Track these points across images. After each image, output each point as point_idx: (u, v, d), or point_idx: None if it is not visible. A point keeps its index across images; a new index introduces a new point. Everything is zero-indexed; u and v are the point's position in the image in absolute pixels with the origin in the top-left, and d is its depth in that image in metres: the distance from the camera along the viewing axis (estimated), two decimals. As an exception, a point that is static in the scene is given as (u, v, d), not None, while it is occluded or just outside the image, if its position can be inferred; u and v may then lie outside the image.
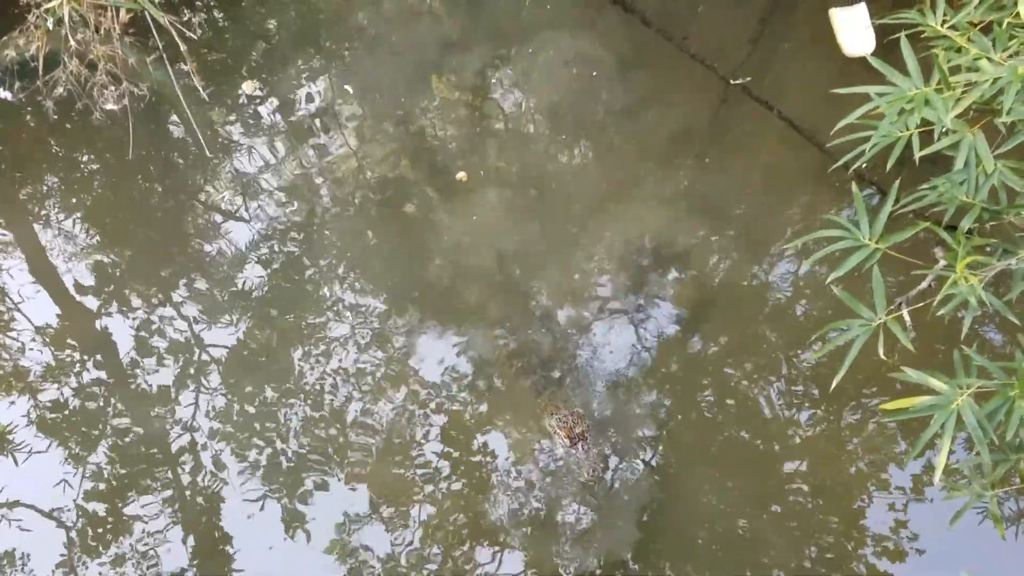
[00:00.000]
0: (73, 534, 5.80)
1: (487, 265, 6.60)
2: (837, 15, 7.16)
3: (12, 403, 6.10)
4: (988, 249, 4.06)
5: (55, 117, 6.84)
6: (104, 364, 6.27)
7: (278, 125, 7.16)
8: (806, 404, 6.12)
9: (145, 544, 5.78)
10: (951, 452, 3.72)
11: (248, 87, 7.18)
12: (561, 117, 7.17)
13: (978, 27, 4.25)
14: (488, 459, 6.00)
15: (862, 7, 7.15)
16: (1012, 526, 5.63)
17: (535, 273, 6.57)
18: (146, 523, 5.82)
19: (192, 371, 6.23)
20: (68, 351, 6.30)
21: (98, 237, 6.69)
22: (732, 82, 6.94)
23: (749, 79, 6.92)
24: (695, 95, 7.16)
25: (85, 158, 6.98)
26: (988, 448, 3.67)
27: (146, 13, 6.01)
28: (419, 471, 5.98)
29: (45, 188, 6.90)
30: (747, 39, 7.22)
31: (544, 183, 6.89)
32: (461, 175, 6.79)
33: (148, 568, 5.73)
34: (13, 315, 6.41)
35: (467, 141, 7.08)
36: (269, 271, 6.56)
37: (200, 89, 6.66)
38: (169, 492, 5.93)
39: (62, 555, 5.77)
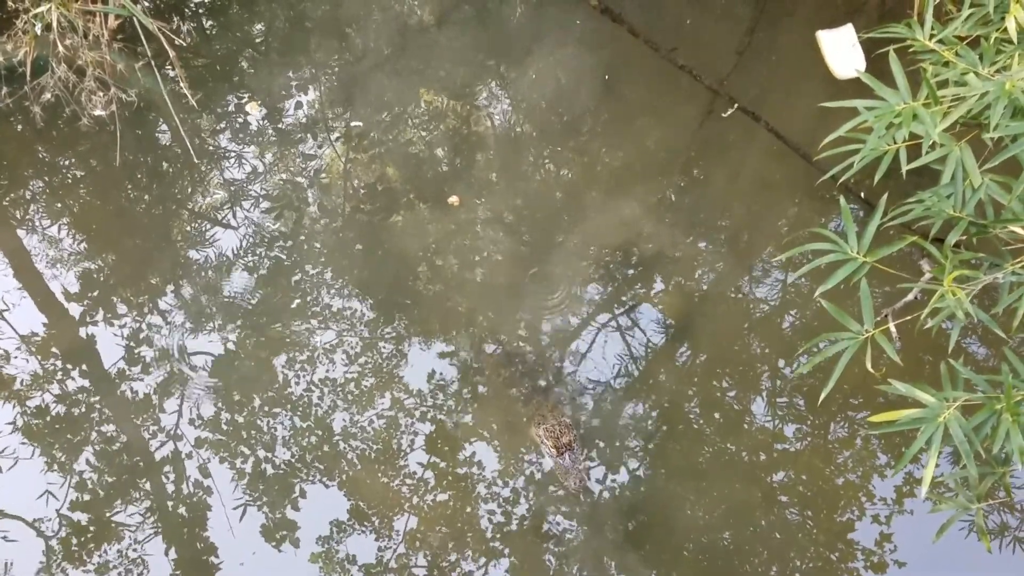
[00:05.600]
0: (55, 542, 5.76)
1: (475, 275, 6.60)
2: (824, 39, 7.14)
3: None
4: (975, 263, 4.07)
5: (42, 123, 6.81)
6: (89, 372, 6.23)
7: (266, 133, 7.15)
8: (792, 416, 6.13)
9: (129, 553, 5.74)
10: (936, 465, 3.72)
11: (252, 108, 7.16)
12: (549, 128, 7.19)
13: (965, 41, 4.28)
14: (475, 469, 5.99)
15: (848, 28, 7.14)
16: (997, 539, 5.65)
17: (523, 283, 6.57)
18: (130, 532, 5.78)
19: (177, 379, 6.20)
20: (52, 358, 6.26)
21: (84, 244, 6.66)
22: (723, 115, 6.95)
23: (736, 106, 6.94)
24: (682, 106, 7.19)
25: (72, 164, 6.96)
26: (975, 461, 3.68)
27: (135, 19, 5.99)
28: (405, 481, 5.97)
29: (31, 194, 6.87)
30: (734, 50, 7.25)
31: (531, 194, 6.90)
32: (453, 199, 6.79)
33: (132, 577, 5.71)
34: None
35: (455, 152, 7.09)
36: (256, 279, 6.54)
37: (188, 96, 6.64)
38: (153, 501, 5.89)
39: (42, 564, 5.71)
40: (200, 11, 7.74)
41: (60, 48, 6.31)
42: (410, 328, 6.44)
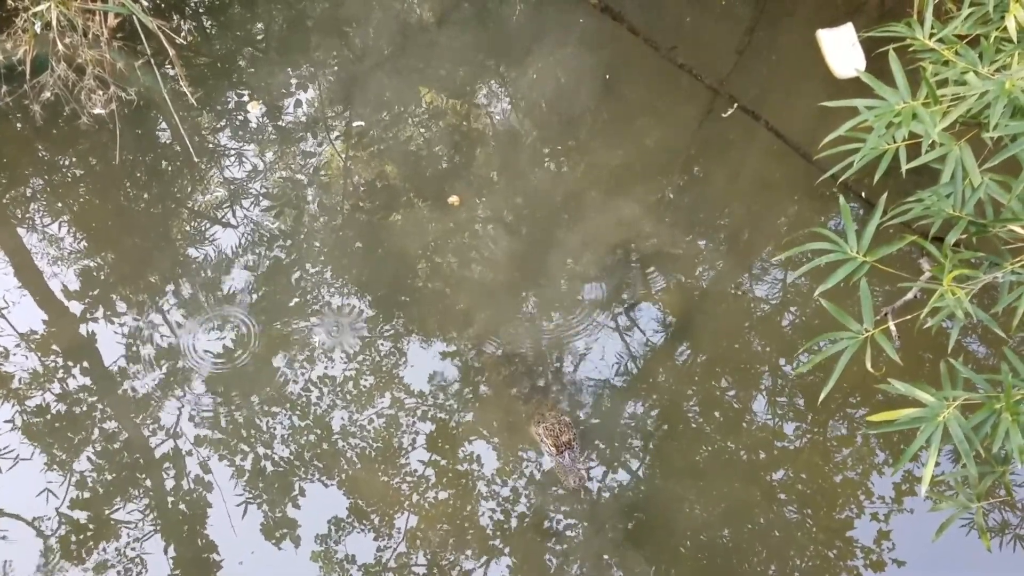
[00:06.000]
0: (54, 541, 5.75)
1: (475, 274, 6.60)
2: (824, 38, 7.14)
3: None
4: (974, 262, 4.07)
5: (42, 122, 6.81)
6: (89, 369, 6.23)
7: (266, 131, 7.15)
8: (792, 415, 6.13)
9: (128, 551, 5.74)
10: (936, 464, 3.72)
11: (253, 106, 7.16)
12: (549, 128, 7.19)
13: (965, 41, 4.28)
14: (474, 467, 5.99)
15: (848, 27, 7.14)
16: (997, 538, 5.66)
17: (523, 282, 6.57)
18: (130, 530, 5.78)
19: (177, 377, 6.20)
20: (52, 356, 6.26)
21: (84, 242, 6.66)
22: (723, 114, 6.95)
23: (736, 106, 6.94)
24: (682, 105, 7.19)
25: (72, 162, 6.96)
26: (974, 460, 3.68)
27: (134, 18, 5.99)
28: (405, 479, 5.96)
29: (31, 192, 6.87)
30: (734, 50, 7.25)
31: (531, 193, 6.90)
32: (453, 199, 6.78)
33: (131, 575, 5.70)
34: (-3, 320, 6.38)
35: (456, 151, 7.09)
36: (256, 277, 6.54)
37: (188, 94, 6.64)
38: (152, 499, 5.88)
39: (41, 562, 5.71)
40: (200, 9, 7.75)
41: (60, 46, 6.32)
42: (409, 327, 6.44)
